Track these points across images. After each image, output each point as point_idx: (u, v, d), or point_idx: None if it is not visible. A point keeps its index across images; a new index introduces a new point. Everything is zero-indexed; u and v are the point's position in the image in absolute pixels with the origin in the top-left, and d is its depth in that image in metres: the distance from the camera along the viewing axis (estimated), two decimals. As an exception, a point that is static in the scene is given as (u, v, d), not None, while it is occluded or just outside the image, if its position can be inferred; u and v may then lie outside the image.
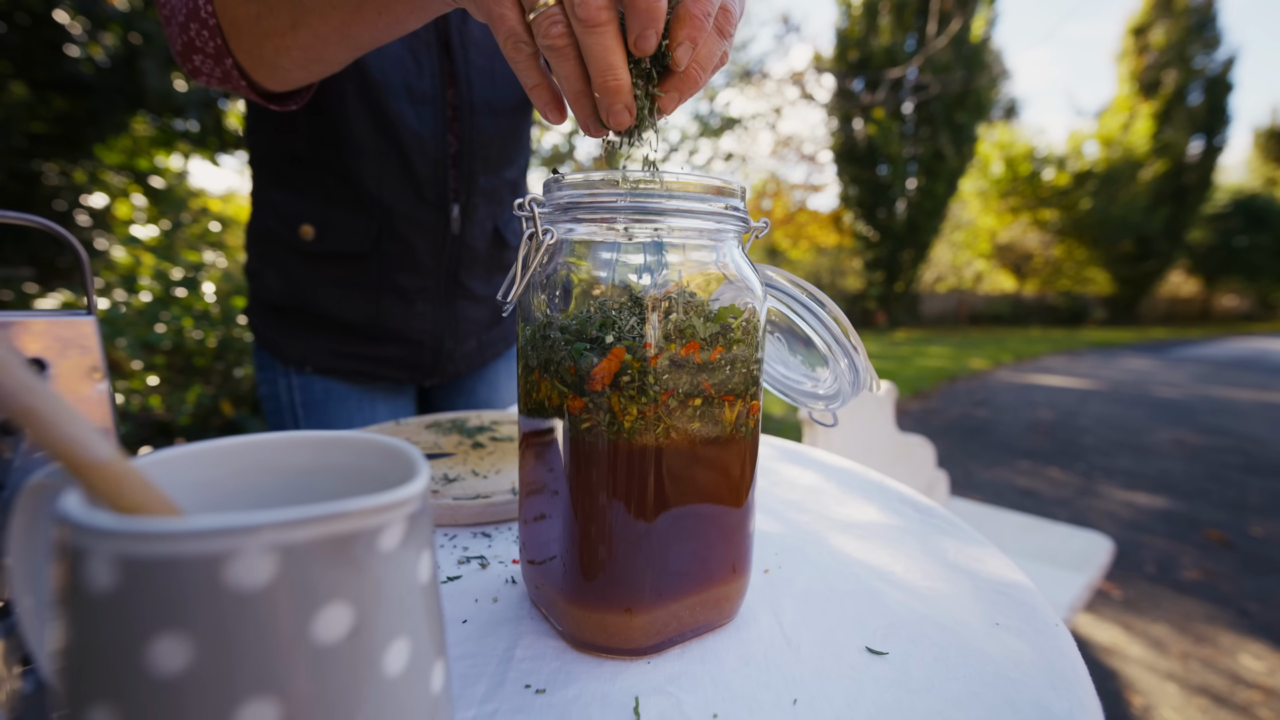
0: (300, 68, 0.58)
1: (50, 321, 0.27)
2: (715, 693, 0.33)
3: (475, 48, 0.82)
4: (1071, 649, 0.37)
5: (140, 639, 0.16)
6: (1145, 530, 3.01)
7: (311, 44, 0.55)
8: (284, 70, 0.59)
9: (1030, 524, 1.65)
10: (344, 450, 0.24)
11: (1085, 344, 13.64)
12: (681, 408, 0.34)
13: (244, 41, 0.56)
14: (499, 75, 0.85)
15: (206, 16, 0.56)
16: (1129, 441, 4.81)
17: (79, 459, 0.18)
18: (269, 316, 0.87)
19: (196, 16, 0.56)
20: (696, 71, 0.39)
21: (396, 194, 0.81)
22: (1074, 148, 19.59)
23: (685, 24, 0.37)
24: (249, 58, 0.58)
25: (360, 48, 0.56)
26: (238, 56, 0.58)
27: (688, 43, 0.37)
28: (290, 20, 0.53)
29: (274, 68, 0.58)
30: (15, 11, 3.29)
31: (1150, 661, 1.92)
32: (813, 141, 14.41)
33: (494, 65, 0.84)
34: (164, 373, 2.43)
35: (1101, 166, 18.96)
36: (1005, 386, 7.43)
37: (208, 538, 0.16)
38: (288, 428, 0.88)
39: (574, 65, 0.37)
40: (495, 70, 0.84)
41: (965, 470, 3.96)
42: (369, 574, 0.19)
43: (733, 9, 0.39)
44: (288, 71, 0.59)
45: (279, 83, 0.61)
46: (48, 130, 3.49)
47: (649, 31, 0.35)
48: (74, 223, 3.71)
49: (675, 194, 0.35)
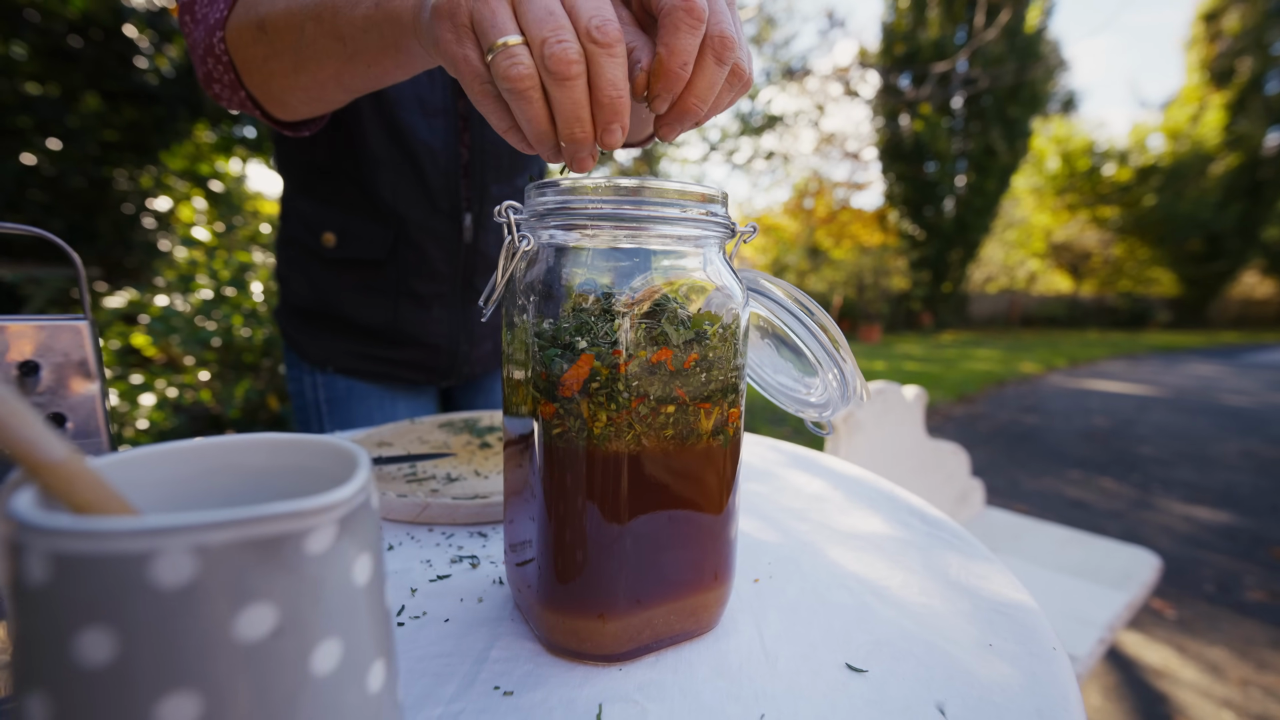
0: (305, 105, 0.62)
1: (43, 324, 0.29)
2: (682, 703, 0.33)
3: None
4: (1067, 675, 0.36)
5: (69, 631, 0.17)
6: (1205, 547, 2.84)
7: (312, 86, 0.59)
8: (292, 106, 0.63)
9: (1071, 537, 1.58)
10: (298, 451, 0.25)
11: (1147, 348, 12.95)
12: (654, 414, 0.34)
13: (254, 78, 0.61)
14: None
15: (220, 54, 0.60)
16: (1191, 452, 4.54)
17: (33, 458, 0.19)
18: (295, 318, 0.91)
19: (212, 53, 0.61)
20: (695, 105, 0.38)
21: (411, 203, 0.84)
22: (1137, 141, 18.62)
23: (659, 79, 0.37)
24: (260, 92, 0.62)
25: (356, 91, 0.59)
26: (250, 90, 0.62)
27: (664, 94, 0.37)
28: (293, 64, 0.57)
29: (282, 103, 0.62)
30: (90, 27, 3.50)
31: (1205, 687, 1.81)
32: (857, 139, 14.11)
33: None
34: (215, 368, 2.55)
35: (1167, 161, 17.96)
36: (1057, 392, 7.12)
37: (132, 537, 0.17)
38: (312, 423, 0.92)
39: (539, 109, 0.36)
40: None
41: (1011, 479, 3.81)
42: (296, 575, 0.19)
43: (729, 34, 0.37)
44: (295, 107, 0.63)
45: (289, 114, 0.65)
46: (118, 138, 3.72)
47: (614, 126, 0.36)
48: (140, 225, 3.93)
49: (652, 200, 0.34)
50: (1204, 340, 15.50)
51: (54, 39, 3.32)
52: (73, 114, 3.44)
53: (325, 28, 0.52)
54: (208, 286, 2.62)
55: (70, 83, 3.43)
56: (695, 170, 9.25)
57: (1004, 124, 14.41)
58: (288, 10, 0.54)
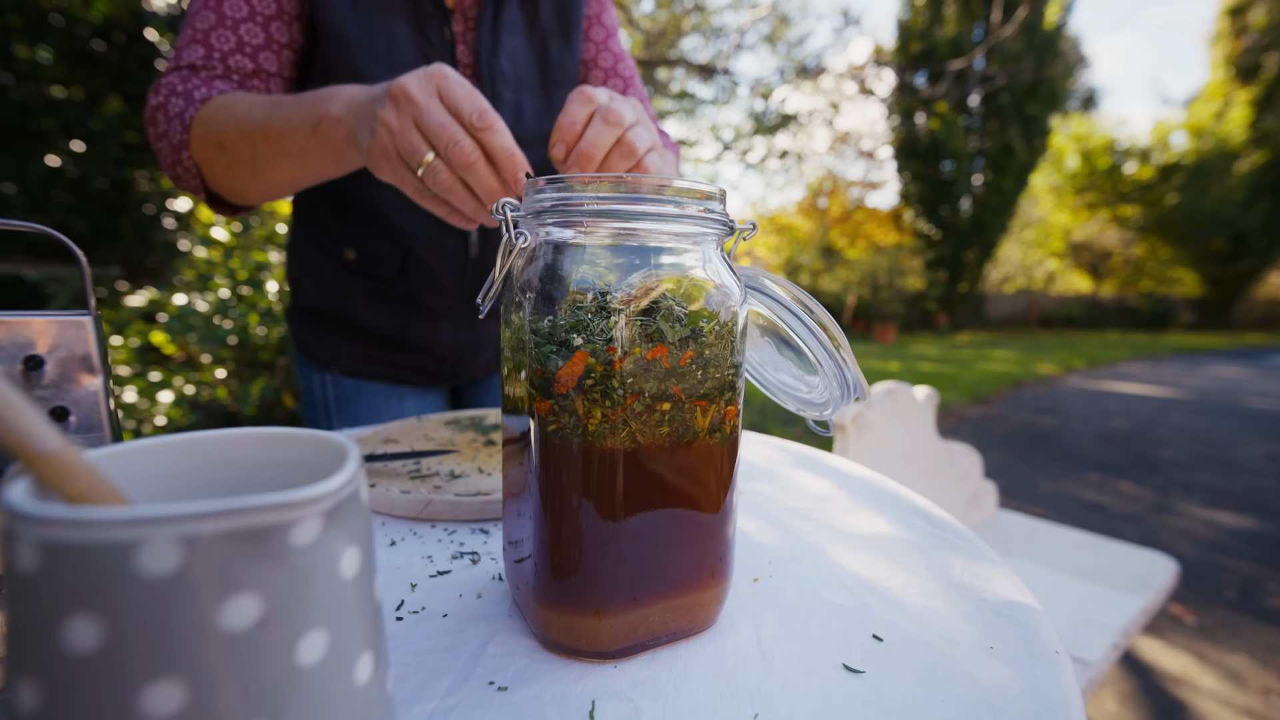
0: (260, 197, 0.73)
1: (49, 320, 0.29)
2: (676, 701, 0.33)
3: (503, 81, 0.85)
4: (1068, 679, 0.35)
5: (57, 618, 0.17)
6: (1227, 552, 2.79)
7: (269, 186, 0.70)
8: (248, 198, 0.74)
9: (1086, 541, 1.55)
10: (291, 445, 0.25)
11: (1169, 349, 12.72)
12: (648, 412, 0.34)
13: (219, 181, 0.71)
14: (525, 108, 0.87)
15: (189, 165, 0.70)
16: (1213, 455, 4.45)
17: (28, 450, 0.20)
18: (305, 319, 0.93)
19: (180, 164, 0.70)
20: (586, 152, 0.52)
21: (418, 223, 0.86)
22: (1159, 139, 18.28)
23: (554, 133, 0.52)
24: (223, 190, 0.73)
25: (309, 185, 0.71)
26: (211, 189, 0.73)
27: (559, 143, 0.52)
28: (251, 172, 0.67)
29: (241, 195, 0.73)
30: (112, 31, 3.57)
31: (1225, 695, 1.78)
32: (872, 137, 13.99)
33: (520, 98, 0.86)
34: (231, 366, 2.59)
35: (1191, 158, 17.61)
36: (1076, 393, 7.02)
37: (118, 527, 0.17)
38: (321, 420, 0.93)
39: (464, 195, 0.51)
40: (521, 103, 0.87)
41: (1026, 482, 3.76)
42: (282, 567, 0.19)
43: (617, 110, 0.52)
44: (251, 199, 0.74)
45: (245, 203, 0.76)
46: (139, 140, 3.79)
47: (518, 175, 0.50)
48: (160, 225, 4.00)
49: (650, 197, 0.34)
50: (1228, 342, 15.18)
51: (78, 43, 3.39)
52: (95, 116, 3.51)
53: (274, 146, 0.63)
54: (225, 285, 2.66)
55: (93, 86, 3.50)
56: (709, 170, 9.23)
57: (1022, 122, 14.22)
58: (239, 131, 0.64)
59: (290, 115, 0.60)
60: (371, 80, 0.69)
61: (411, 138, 0.49)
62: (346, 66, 0.75)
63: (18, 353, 0.27)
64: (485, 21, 0.81)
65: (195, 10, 0.73)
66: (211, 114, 0.66)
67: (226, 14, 0.72)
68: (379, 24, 0.76)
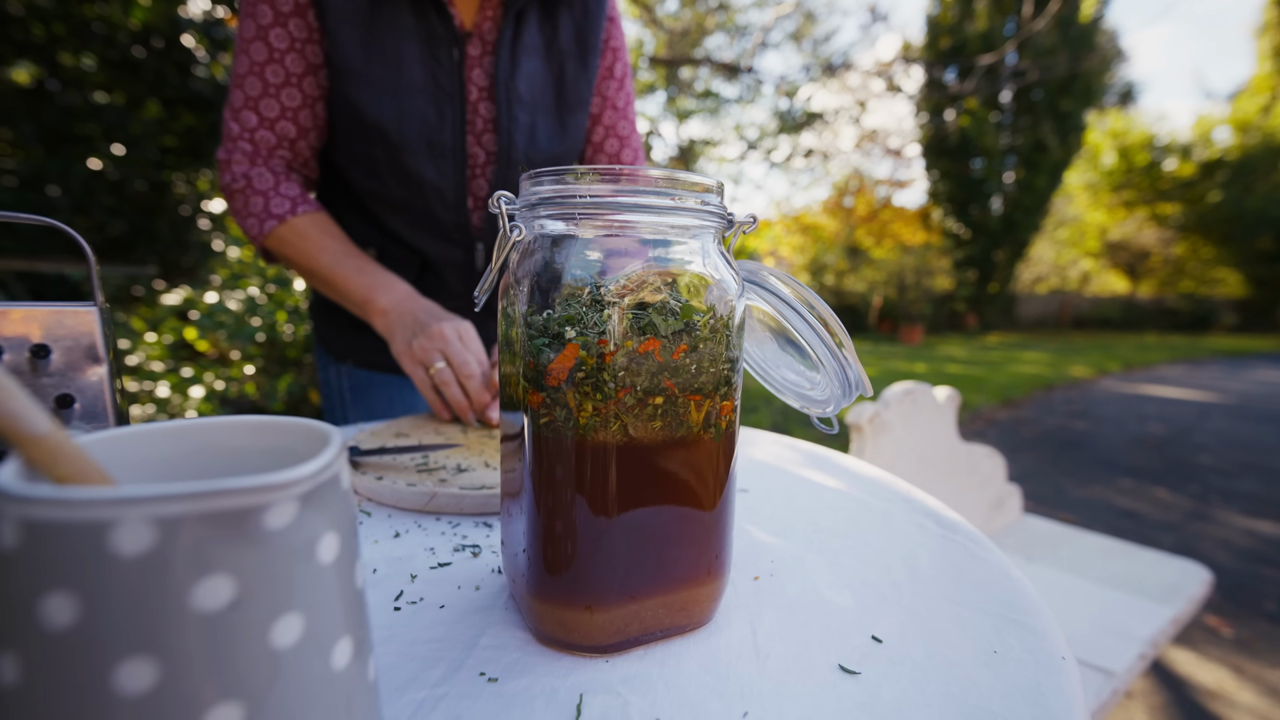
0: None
1: (54, 310, 0.30)
2: (665, 697, 0.33)
3: (519, 104, 0.87)
4: (1074, 686, 0.34)
5: (35, 595, 0.18)
6: (1268, 563, 2.68)
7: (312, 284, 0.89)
8: None
9: (1115, 548, 1.50)
10: (278, 433, 0.26)
11: (1210, 352, 12.27)
12: (641, 405, 0.34)
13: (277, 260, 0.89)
14: (540, 129, 0.90)
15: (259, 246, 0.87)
16: (1256, 462, 4.28)
17: (17, 432, 0.20)
18: (324, 313, 0.95)
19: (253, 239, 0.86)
20: None
21: (426, 239, 0.89)
22: (1202, 134, 17.66)
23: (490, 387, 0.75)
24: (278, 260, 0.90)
25: None
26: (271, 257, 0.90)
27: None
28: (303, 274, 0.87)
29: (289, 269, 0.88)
30: (151, 37, 3.69)
31: (1265, 711, 1.71)
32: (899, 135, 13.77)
33: (535, 120, 0.89)
34: (260, 363, 2.65)
35: (1235, 154, 16.97)
36: (1110, 397, 6.81)
37: (94, 506, 0.17)
38: (336, 411, 0.95)
39: (458, 393, 0.72)
40: (536, 125, 0.89)
41: (1056, 487, 3.66)
42: (256, 549, 0.20)
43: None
44: None
45: None
46: (177, 144, 3.90)
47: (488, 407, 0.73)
48: (196, 226, 4.11)
49: (645, 190, 0.34)
50: (1273, 344, 14.59)
51: (119, 50, 3.51)
52: (135, 121, 3.62)
53: (328, 288, 0.84)
54: (255, 284, 2.73)
55: (133, 91, 3.61)
56: (733, 169, 9.17)
57: (1056, 118, 13.86)
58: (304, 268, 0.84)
59: (349, 280, 0.81)
60: (374, 113, 0.81)
61: (432, 352, 0.73)
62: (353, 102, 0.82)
63: (25, 342, 0.28)
64: (505, 44, 0.84)
65: (243, 74, 0.81)
66: (286, 236, 0.83)
67: (269, 80, 0.81)
68: (389, 50, 0.81)
